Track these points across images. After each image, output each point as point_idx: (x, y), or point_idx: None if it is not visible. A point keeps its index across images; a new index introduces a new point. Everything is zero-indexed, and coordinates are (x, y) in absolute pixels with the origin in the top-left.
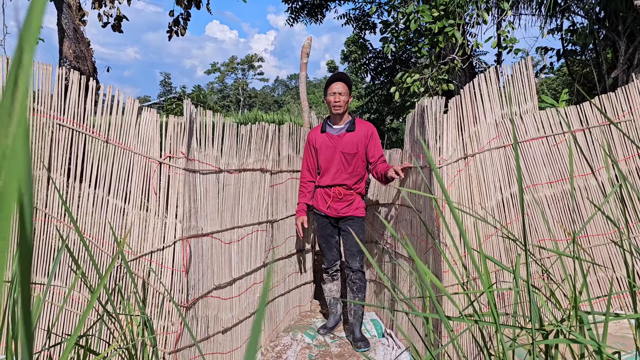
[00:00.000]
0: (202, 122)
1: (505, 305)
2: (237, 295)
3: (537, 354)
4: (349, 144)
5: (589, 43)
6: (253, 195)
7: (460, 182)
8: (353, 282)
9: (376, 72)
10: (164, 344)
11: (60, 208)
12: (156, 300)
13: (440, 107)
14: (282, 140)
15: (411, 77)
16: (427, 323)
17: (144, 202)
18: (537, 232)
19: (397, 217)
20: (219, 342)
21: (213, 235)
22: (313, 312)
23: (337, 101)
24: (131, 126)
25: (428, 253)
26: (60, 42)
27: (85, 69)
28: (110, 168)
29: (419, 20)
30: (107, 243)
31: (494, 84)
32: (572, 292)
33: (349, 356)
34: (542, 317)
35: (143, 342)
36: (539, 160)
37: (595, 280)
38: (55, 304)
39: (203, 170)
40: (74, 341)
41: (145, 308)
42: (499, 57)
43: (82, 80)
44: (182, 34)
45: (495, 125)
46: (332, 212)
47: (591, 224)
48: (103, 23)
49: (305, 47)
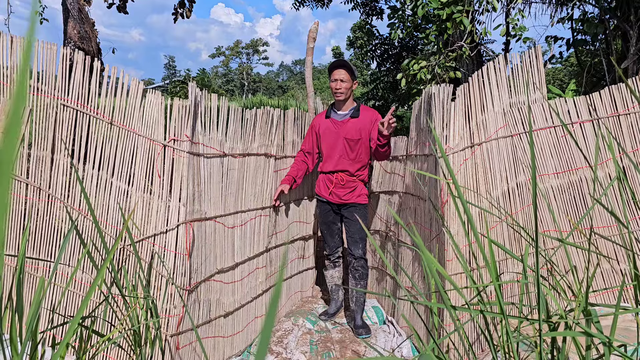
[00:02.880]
0: (207, 105)
1: (510, 296)
2: (239, 279)
3: (543, 345)
4: (353, 130)
5: (599, 32)
6: (257, 180)
7: (466, 171)
8: (355, 269)
9: (382, 58)
10: (166, 326)
11: (64, 189)
12: (159, 283)
13: (447, 95)
14: (287, 125)
15: (418, 64)
16: (433, 313)
17: (148, 185)
18: (543, 223)
19: (401, 205)
20: (220, 326)
21: (216, 220)
22: (314, 298)
23: (339, 88)
24: (136, 108)
25: (432, 241)
26: (65, 23)
27: (89, 50)
28: (114, 150)
29: (427, 7)
30: (110, 225)
31: (503, 72)
32: (578, 284)
33: (349, 342)
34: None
35: (147, 325)
36: (547, 151)
37: (599, 272)
38: (59, 285)
39: (207, 154)
40: (77, 322)
41: (149, 291)
42: (507, 46)
43: (86, 61)
44: (188, 17)
45: (502, 114)
46: (335, 199)
47: (597, 215)
48: (108, 4)
49: (311, 32)
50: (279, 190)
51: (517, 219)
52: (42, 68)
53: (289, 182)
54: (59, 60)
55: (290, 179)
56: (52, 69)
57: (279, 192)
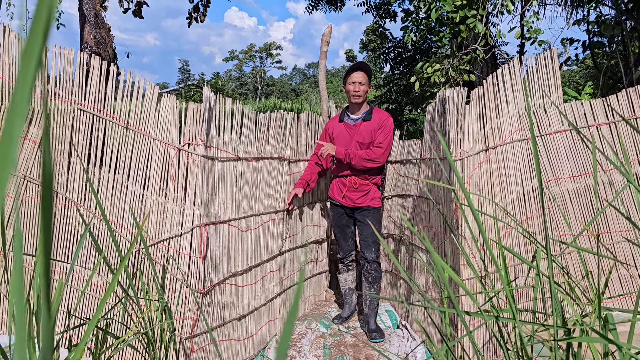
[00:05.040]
0: (221, 109)
1: (524, 301)
2: (253, 283)
3: (558, 351)
4: (365, 133)
5: (616, 34)
6: (270, 184)
7: (480, 175)
8: (368, 273)
9: (395, 61)
10: (180, 329)
11: (80, 192)
12: (173, 285)
13: (462, 98)
14: (301, 128)
15: (432, 67)
16: (445, 318)
17: (163, 188)
18: (558, 227)
19: (414, 208)
20: (234, 329)
21: (230, 223)
22: (328, 302)
23: (357, 90)
24: (151, 112)
25: (446, 245)
26: (81, 28)
27: (105, 55)
28: (129, 154)
29: (441, 9)
30: (126, 228)
31: (518, 75)
32: (594, 289)
33: (363, 346)
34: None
35: (161, 327)
36: (562, 154)
37: (616, 277)
38: (76, 287)
39: (221, 158)
40: (95, 324)
41: (163, 293)
42: (521, 48)
43: (102, 66)
44: (202, 21)
45: (518, 118)
46: (348, 202)
47: (613, 220)
48: (124, 9)
49: (325, 35)
50: (292, 193)
51: (532, 223)
52: (59, 72)
53: (303, 186)
54: (76, 65)
55: (304, 183)
56: (69, 74)
57: (293, 196)
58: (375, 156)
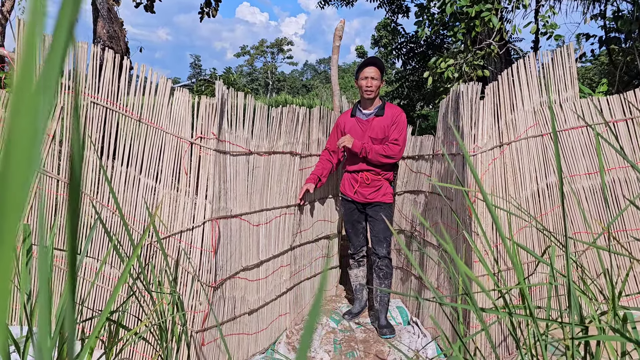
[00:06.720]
0: (233, 103)
1: (539, 299)
2: (264, 277)
3: (576, 349)
4: (377, 128)
5: (633, 30)
6: (282, 178)
7: (494, 171)
8: (379, 269)
9: (408, 57)
10: (191, 322)
11: (92, 185)
12: (185, 279)
13: (476, 93)
14: (313, 123)
15: (445, 62)
16: (459, 314)
17: (175, 182)
18: (573, 225)
19: (426, 204)
20: (245, 323)
21: (242, 217)
22: (338, 297)
23: (369, 86)
24: (163, 106)
25: (458, 242)
26: (94, 22)
27: (118, 49)
28: (142, 147)
29: (455, 4)
30: (138, 221)
31: (533, 70)
32: (610, 286)
33: (373, 342)
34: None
35: (173, 320)
36: (578, 151)
37: (631, 275)
38: (87, 279)
39: (233, 152)
40: (106, 315)
41: (175, 287)
42: (536, 44)
43: (116, 59)
44: (214, 16)
45: (533, 113)
46: (359, 198)
47: (630, 217)
48: (136, 3)
49: (338, 30)
50: (304, 189)
51: (547, 220)
52: (72, 66)
53: (314, 181)
54: (89, 59)
55: (315, 178)
56: (83, 67)
57: (304, 191)
58: (392, 153)
